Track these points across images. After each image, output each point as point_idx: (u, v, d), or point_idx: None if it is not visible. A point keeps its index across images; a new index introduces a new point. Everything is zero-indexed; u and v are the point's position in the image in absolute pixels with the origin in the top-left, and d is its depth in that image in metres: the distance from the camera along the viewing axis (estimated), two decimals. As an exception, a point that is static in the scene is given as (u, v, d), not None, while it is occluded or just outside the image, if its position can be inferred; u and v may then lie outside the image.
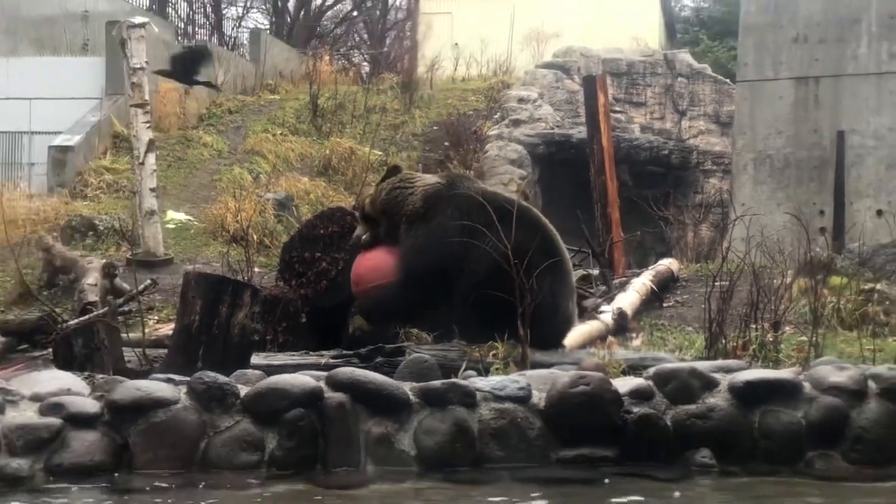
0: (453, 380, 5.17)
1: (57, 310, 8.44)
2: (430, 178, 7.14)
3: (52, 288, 10.69)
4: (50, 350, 7.26)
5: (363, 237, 7.09)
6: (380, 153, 17.46)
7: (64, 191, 15.41)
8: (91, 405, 4.79)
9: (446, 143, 18.23)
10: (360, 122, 19.06)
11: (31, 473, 4.53)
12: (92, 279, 9.26)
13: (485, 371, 5.99)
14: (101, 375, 5.62)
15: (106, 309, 7.60)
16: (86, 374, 5.60)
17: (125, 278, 9.86)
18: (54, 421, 4.66)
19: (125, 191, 15.45)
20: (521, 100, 19.58)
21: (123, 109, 15.53)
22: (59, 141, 16.24)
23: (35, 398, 4.85)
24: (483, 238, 6.38)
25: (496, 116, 19.32)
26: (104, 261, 10.25)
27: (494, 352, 6.40)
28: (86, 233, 13.22)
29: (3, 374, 6.81)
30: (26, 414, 4.72)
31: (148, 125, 12.43)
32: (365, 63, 30.48)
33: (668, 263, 11.04)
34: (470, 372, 5.87)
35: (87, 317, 7.33)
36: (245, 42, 29.61)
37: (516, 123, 18.81)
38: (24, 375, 5.42)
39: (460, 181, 7.03)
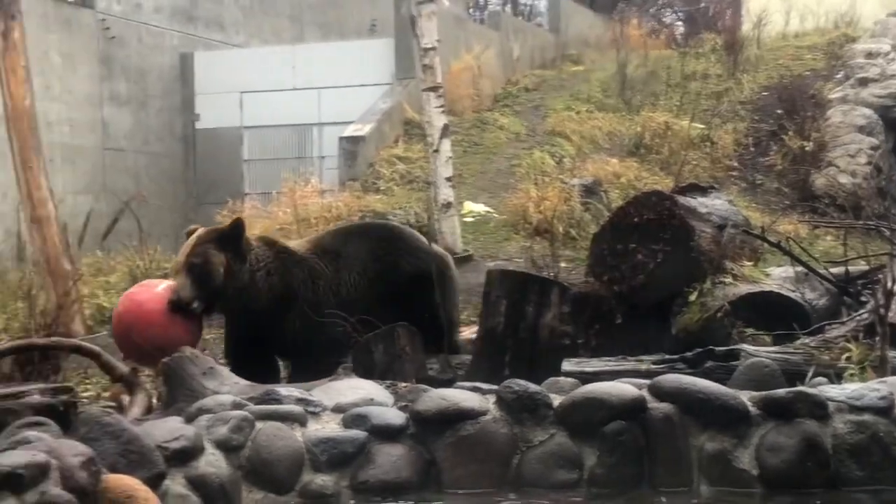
0: (800, 388, 5.03)
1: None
2: None
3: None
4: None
5: None
6: (701, 126, 17.13)
7: (356, 184, 16.14)
8: (396, 417, 5.01)
9: (779, 111, 17.63)
10: (677, 92, 18.77)
11: (337, 490, 4.80)
12: (389, 280, 9.63)
13: (836, 377, 5.78)
14: (403, 384, 5.86)
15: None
16: (387, 382, 5.85)
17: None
18: (359, 434, 4.92)
19: (419, 181, 15.98)
20: (869, 55, 18.63)
21: (415, 94, 16.08)
22: (349, 131, 17.02)
23: (337, 409, 5.14)
24: None
25: (838, 76, 18.48)
26: (400, 259, 10.64)
27: (847, 355, 6.15)
28: (380, 229, 13.80)
29: (304, 383, 7.26)
30: (329, 426, 5.01)
31: (441, 109, 12.83)
32: (679, 23, 29.99)
33: None
34: (819, 379, 5.67)
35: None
36: (542, 11, 29.89)
37: (864, 83, 17.92)
38: (324, 385, 5.75)
39: None
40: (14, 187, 11.58)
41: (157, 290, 7.19)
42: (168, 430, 4.59)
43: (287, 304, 7.22)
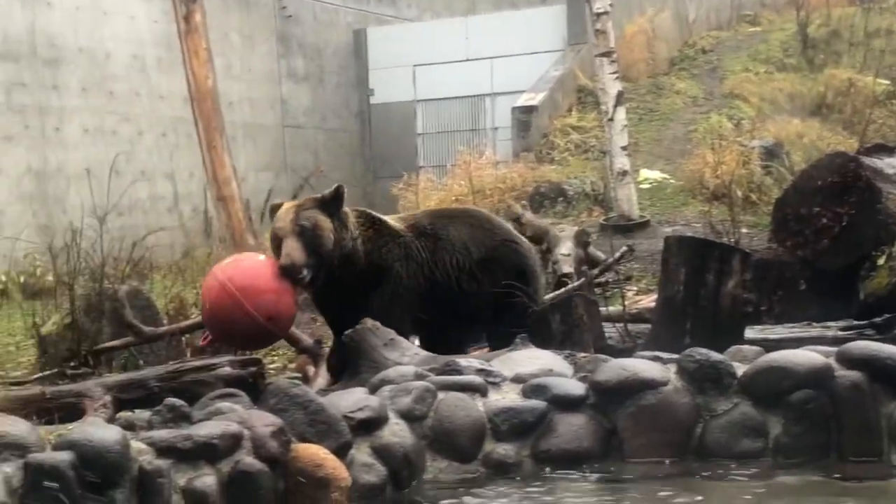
0: None
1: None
2: None
3: (525, 260, 11.24)
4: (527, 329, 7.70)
5: None
6: (886, 83, 16.50)
7: (529, 155, 16.15)
8: (576, 387, 5.02)
9: (970, 65, 16.86)
10: (860, 50, 18.14)
11: (519, 459, 4.86)
12: (565, 249, 9.65)
13: None
14: (582, 354, 5.85)
15: (582, 280, 7.89)
16: (566, 352, 5.86)
17: (599, 245, 10.17)
18: (539, 404, 4.95)
19: (594, 150, 15.89)
20: None
21: (587, 60, 15.98)
22: (521, 101, 17.02)
23: (517, 379, 5.18)
24: None
25: None
26: (576, 228, 10.63)
27: None
28: (555, 199, 13.80)
29: (480, 352, 7.33)
30: (510, 396, 5.06)
31: (615, 75, 12.70)
32: (861, -23, 28.86)
33: None
34: None
35: (563, 290, 7.65)
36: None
37: None
38: (503, 355, 5.79)
39: None
40: (200, 167, 12.00)
41: (259, 259, 6.88)
42: (353, 400, 4.70)
43: (379, 277, 6.76)
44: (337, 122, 19.55)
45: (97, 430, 3.89)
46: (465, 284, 6.92)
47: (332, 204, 6.56)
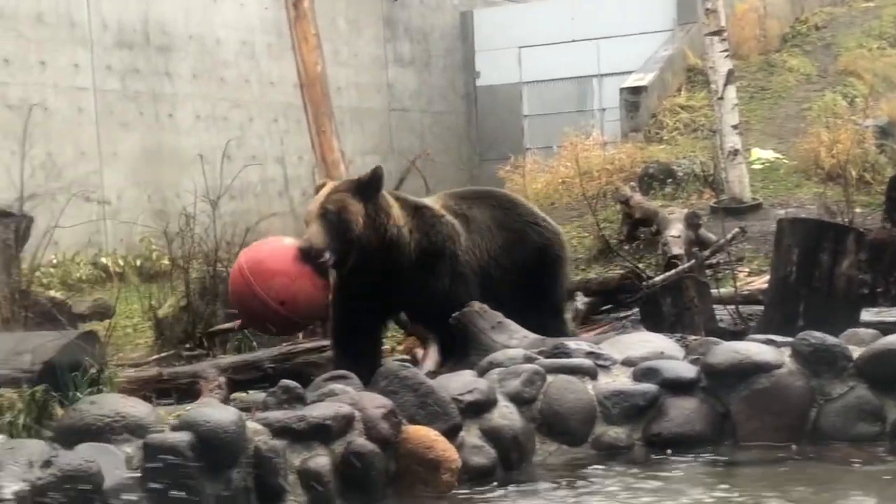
0: None
1: (640, 266, 8.83)
2: None
3: (632, 242, 11.16)
4: (636, 310, 7.63)
5: None
6: None
7: (638, 135, 16.01)
8: (687, 370, 4.98)
9: None
10: (981, 23, 17.63)
11: (630, 443, 4.84)
12: (675, 231, 9.55)
13: None
14: (693, 337, 5.80)
15: (692, 262, 7.81)
16: (677, 335, 5.81)
17: (710, 228, 10.05)
18: (650, 387, 4.93)
19: (703, 130, 15.69)
20: None
21: (697, 39, 15.77)
22: (630, 81, 16.88)
23: (627, 363, 5.15)
24: None
25: None
26: (686, 210, 10.52)
27: None
28: (664, 180, 13.64)
29: (588, 335, 7.30)
30: (620, 380, 5.04)
31: (725, 54, 12.50)
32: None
33: None
34: None
35: (673, 272, 7.58)
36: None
37: None
38: (613, 338, 5.77)
39: None
40: (309, 151, 12.13)
41: (284, 242, 6.73)
42: (462, 383, 4.72)
43: (434, 262, 6.44)
44: (443, 105, 19.60)
45: (214, 410, 3.97)
46: (493, 269, 6.66)
47: (367, 187, 6.25)
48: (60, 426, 3.98)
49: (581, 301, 8.58)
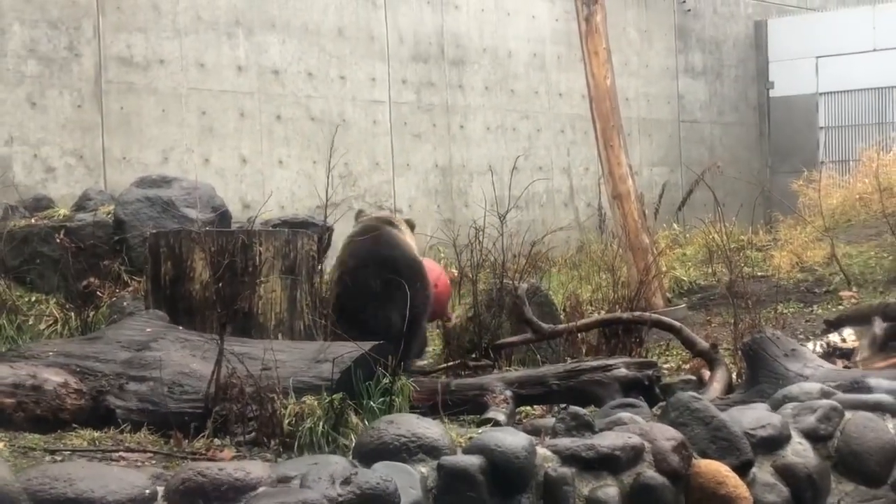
0: None
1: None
2: None
3: (935, 264, 10.61)
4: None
5: None
6: None
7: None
8: None
9: None
10: None
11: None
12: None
13: None
14: None
15: None
16: None
17: None
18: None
19: None
20: None
21: None
22: (936, 93, 16.04)
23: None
24: None
25: None
26: None
27: None
28: None
29: (883, 365, 6.95)
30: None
31: None
32: None
33: None
34: None
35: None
36: None
37: None
38: (918, 375, 5.48)
39: None
40: (595, 162, 12.10)
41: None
42: (755, 417, 4.60)
43: None
44: (734, 117, 19.15)
45: (507, 435, 4.02)
46: None
47: None
48: (360, 443, 4.12)
49: (879, 326, 8.20)
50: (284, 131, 12.78)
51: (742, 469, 4.26)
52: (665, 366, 8.11)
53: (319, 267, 7.59)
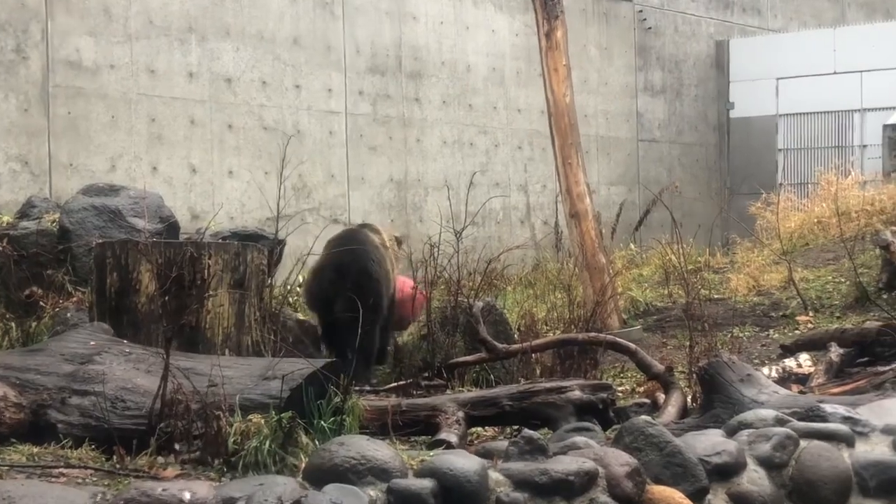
0: None
1: (901, 318, 8.43)
2: None
3: (892, 291, 10.69)
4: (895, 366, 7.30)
5: None
6: None
7: (900, 175, 15.32)
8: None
9: None
10: None
11: (887, 519, 4.62)
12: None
13: None
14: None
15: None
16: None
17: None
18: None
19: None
20: None
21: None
22: (893, 119, 16.21)
23: (887, 430, 4.94)
24: None
25: None
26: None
27: None
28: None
29: (837, 391, 7.01)
30: (879, 448, 4.83)
31: None
32: None
33: None
34: None
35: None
36: None
37: None
38: (872, 403, 5.52)
39: None
40: (552, 179, 12.13)
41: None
42: (710, 443, 4.63)
43: None
44: (693, 136, 19.31)
45: (459, 459, 4.02)
46: None
47: None
48: (311, 464, 4.09)
49: (835, 352, 8.28)
50: (236, 140, 12.72)
51: (696, 496, 4.28)
52: (620, 388, 8.14)
53: (269, 281, 7.56)
